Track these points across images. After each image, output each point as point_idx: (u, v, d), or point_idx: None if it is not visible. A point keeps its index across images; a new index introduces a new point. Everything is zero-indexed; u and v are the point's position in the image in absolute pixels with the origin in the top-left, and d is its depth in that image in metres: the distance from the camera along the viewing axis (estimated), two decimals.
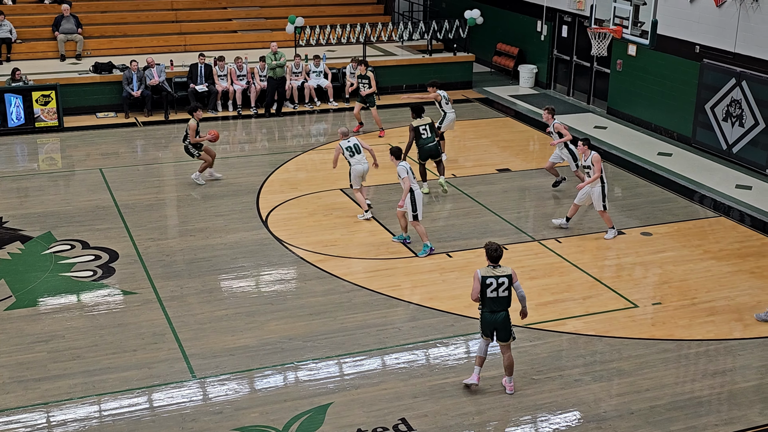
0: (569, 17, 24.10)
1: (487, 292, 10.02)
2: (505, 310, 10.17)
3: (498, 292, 10.02)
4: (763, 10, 17.81)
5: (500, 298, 10.05)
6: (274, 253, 14.26)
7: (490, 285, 10.00)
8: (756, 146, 18.39)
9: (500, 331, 10.20)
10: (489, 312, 10.13)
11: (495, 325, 10.17)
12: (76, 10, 24.73)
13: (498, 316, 10.12)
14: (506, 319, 10.18)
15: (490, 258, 10.06)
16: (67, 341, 11.44)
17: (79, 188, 17.02)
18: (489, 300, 10.05)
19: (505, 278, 10.01)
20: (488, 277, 9.99)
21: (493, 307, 10.10)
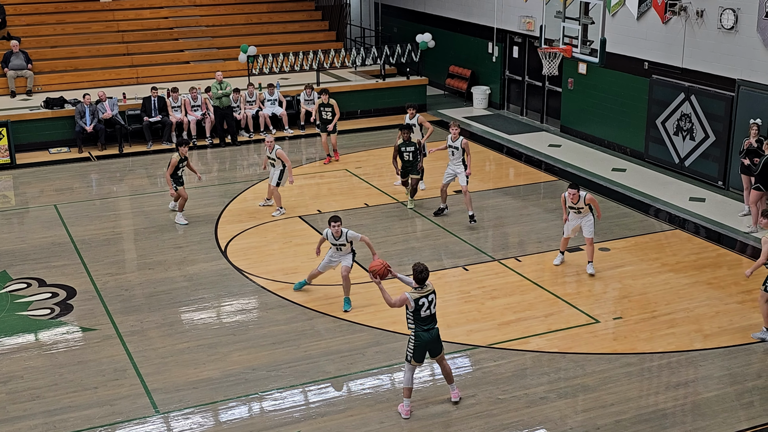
0: (520, 38, 24.37)
1: (421, 312, 10.19)
2: (437, 325, 10.39)
3: (430, 310, 10.26)
4: (708, 26, 18.17)
5: (432, 315, 10.30)
6: (234, 283, 14.16)
7: (423, 306, 10.19)
8: (707, 159, 18.69)
9: (434, 346, 10.38)
10: (424, 331, 10.26)
11: (431, 344, 10.33)
12: (26, 45, 24.52)
13: (433, 332, 10.32)
14: (438, 333, 10.40)
15: (417, 280, 10.21)
16: (26, 381, 11.23)
17: (33, 225, 16.79)
18: (423, 319, 10.22)
19: (432, 294, 10.28)
20: (420, 298, 10.18)
21: (427, 326, 10.28)
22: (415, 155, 16.91)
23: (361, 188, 18.73)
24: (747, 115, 17.30)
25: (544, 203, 17.88)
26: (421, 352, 10.33)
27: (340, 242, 12.95)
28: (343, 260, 13.14)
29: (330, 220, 12.82)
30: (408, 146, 16.90)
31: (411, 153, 16.91)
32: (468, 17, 26.12)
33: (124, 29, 26.43)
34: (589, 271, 14.23)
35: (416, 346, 10.29)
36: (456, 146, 16.35)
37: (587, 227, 14.14)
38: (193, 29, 27.20)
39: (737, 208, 17.13)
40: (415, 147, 16.91)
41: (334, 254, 13.19)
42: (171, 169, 16.30)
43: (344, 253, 13.14)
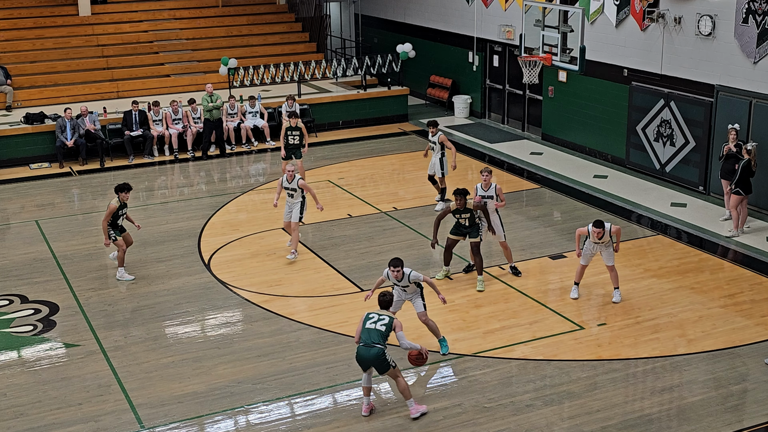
0: (500, 47, 24.47)
1: (366, 323, 10.31)
2: (379, 347, 10.20)
3: (376, 325, 10.26)
4: (686, 32, 18.30)
5: (377, 331, 10.23)
6: (218, 296, 14.12)
7: (371, 318, 10.36)
8: (688, 164, 18.80)
9: (377, 368, 10.32)
10: (363, 346, 10.25)
11: (367, 360, 10.25)
12: (5, 60, 24.42)
13: (371, 351, 10.21)
14: (378, 356, 10.21)
15: (379, 302, 10.55)
16: (8, 399, 11.15)
17: (14, 241, 16.69)
18: (366, 331, 10.28)
19: (387, 317, 10.34)
20: (372, 312, 10.43)
21: (368, 340, 10.23)
22: (472, 220, 14.16)
23: (343, 199, 18.73)
24: (726, 121, 17.43)
25: (527, 211, 17.94)
26: (362, 365, 10.39)
27: (402, 284, 11.86)
28: (415, 303, 11.98)
29: (390, 264, 11.65)
30: (464, 213, 14.10)
31: (467, 219, 14.16)
32: (448, 27, 26.22)
33: (104, 43, 26.37)
34: (615, 299, 13.48)
35: (356, 357, 10.45)
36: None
37: (609, 256, 13.33)
38: (173, 42, 27.18)
39: (718, 213, 17.23)
40: (472, 213, 14.09)
41: (400, 294, 12.01)
42: (108, 217, 14.33)
43: (410, 293, 11.98)
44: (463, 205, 14.00)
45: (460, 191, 14.00)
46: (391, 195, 18.81)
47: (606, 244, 13.26)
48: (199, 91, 24.38)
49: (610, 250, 13.34)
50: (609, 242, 13.27)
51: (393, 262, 11.67)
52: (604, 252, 13.35)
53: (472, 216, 14.13)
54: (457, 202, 13.97)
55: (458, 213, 14.12)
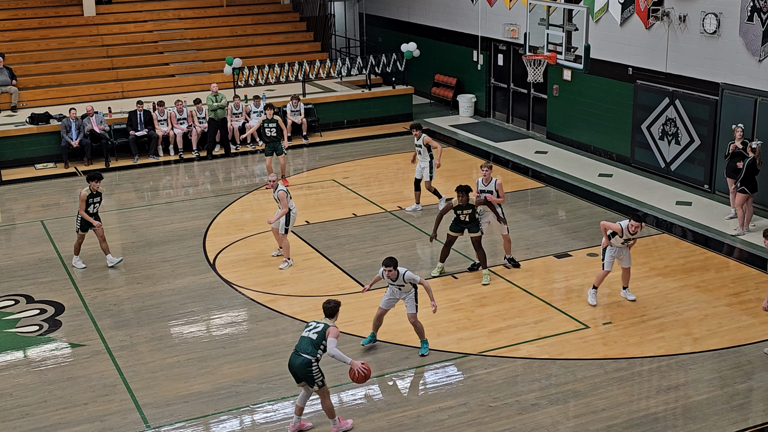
0: (504, 46, 24.45)
1: (303, 331, 10.09)
2: (307, 357, 9.84)
3: (309, 333, 9.97)
4: (691, 30, 18.27)
5: (308, 339, 9.92)
6: (223, 296, 14.13)
7: (309, 325, 10.09)
8: (693, 163, 18.77)
9: (303, 378, 9.97)
10: (293, 353, 9.98)
11: (294, 368, 9.94)
12: (10, 60, 24.46)
13: (297, 359, 9.88)
14: (305, 365, 9.84)
15: (323, 310, 10.19)
16: (15, 399, 11.17)
17: (20, 242, 16.72)
18: (300, 339, 10.04)
19: (322, 325, 10.01)
20: (314, 321, 10.18)
21: (298, 348, 9.95)
22: (473, 216, 14.36)
23: (348, 198, 18.73)
24: (731, 119, 17.40)
25: (532, 210, 17.92)
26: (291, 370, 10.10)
27: (398, 283, 11.80)
28: (407, 303, 11.91)
29: (383, 263, 11.61)
30: (465, 209, 14.27)
31: (468, 215, 14.32)
32: (452, 26, 26.20)
33: (109, 43, 26.40)
34: (629, 298, 13.45)
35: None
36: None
37: (628, 257, 13.24)
38: (177, 42, 27.20)
39: (724, 211, 17.21)
40: (473, 209, 14.29)
41: (394, 292, 11.97)
42: (82, 204, 14.83)
43: (405, 292, 11.91)
44: (465, 201, 14.09)
45: (462, 188, 14.07)
46: (395, 194, 18.81)
47: (627, 246, 13.11)
48: (204, 90, 24.41)
49: (628, 251, 13.20)
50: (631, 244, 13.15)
51: (386, 261, 11.61)
52: (625, 255, 13.14)
53: (473, 212, 14.24)
54: (460, 199, 14.05)
55: (460, 209, 14.21)
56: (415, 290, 11.93)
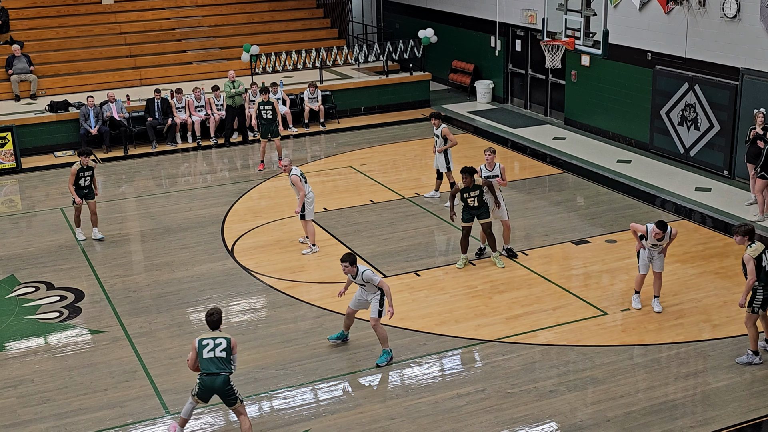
0: (522, 32, 24.33)
1: (204, 353, 9.57)
2: (225, 374, 9.60)
3: (215, 352, 9.56)
4: (711, 15, 18.12)
5: (218, 358, 9.55)
6: (241, 283, 14.18)
7: (206, 346, 9.60)
8: (712, 148, 18.65)
9: (223, 396, 9.70)
10: (207, 375, 9.57)
11: (214, 391, 9.63)
12: (28, 49, 24.55)
13: (217, 379, 9.56)
14: (226, 383, 9.61)
15: (207, 323, 9.76)
16: (36, 385, 11.27)
17: (40, 229, 16.83)
18: (206, 361, 9.56)
19: (223, 339, 9.64)
20: (205, 339, 9.66)
21: (211, 369, 9.55)
22: (480, 199, 14.18)
23: (366, 185, 18.74)
24: (751, 104, 17.27)
25: (550, 196, 17.87)
26: (205, 394, 9.70)
27: (358, 281, 11.47)
28: (371, 305, 11.45)
29: (340, 259, 11.46)
30: (472, 191, 14.11)
31: (476, 198, 14.13)
32: (470, 12, 26.09)
33: (127, 31, 26.46)
34: (655, 309, 12.71)
35: (199, 387, 9.67)
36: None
37: (660, 263, 12.65)
38: (195, 30, 27.22)
39: (743, 197, 17.09)
40: (481, 191, 14.13)
41: (361, 292, 11.60)
42: (72, 178, 15.59)
43: (370, 293, 11.49)
44: (470, 183, 13.93)
45: (467, 169, 13.93)
46: (413, 181, 18.79)
47: (660, 251, 12.55)
48: (222, 78, 24.44)
49: (663, 256, 12.63)
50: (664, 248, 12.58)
51: (342, 257, 11.32)
52: (658, 257, 12.58)
53: (480, 194, 14.07)
54: (464, 180, 13.91)
55: (467, 191, 14.05)
56: (381, 294, 11.40)
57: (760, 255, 10.93)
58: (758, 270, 10.89)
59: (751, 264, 10.86)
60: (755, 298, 11.03)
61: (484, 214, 14.20)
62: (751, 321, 11.14)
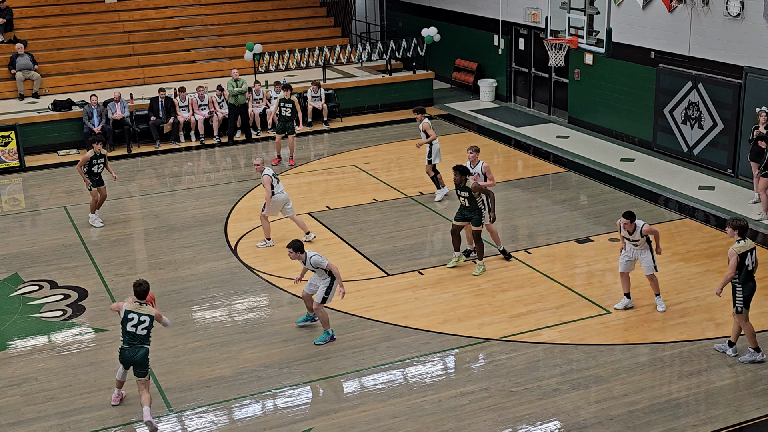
0: (525, 30, 24.32)
1: (127, 326, 10.16)
2: (145, 347, 10.23)
3: (137, 329, 10.16)
4: (714, 13, 18.10)
5: (139, 335, 10.18)
6: (245, 281, 14.19)
7: (131, 320, 10.16)
8: (716, 147, 18.64)
9: (137, 367, 10.23)
10: (128, 348, 10.20)
11: (133, 361, 10.21)
12: (32, 47, 24.58)
13: (138, 353, 10.18)
14: (145, 355, 10.22)
15: (135, 293, 10.24)
16: (40, 383, 11.29)
17: (44, 227, 16.85)
18: (129, 334, 10.18)
19: (147, 317, 10.18)
20: (131, 312, 10.16)
21: (132, 341, 10.19)
22: (471, 200, 13.96)
23: (369, 184, 18.74)
24: (755, 103, 17.25)
25: (553, 195, 17.86)
26: (125, 363, 10.34)
27: (307, 267, 11.84)
28: (319, 289, 11.89)
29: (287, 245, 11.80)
30: (462, 191, 13.98)
31: (466, 199, 14.01)
32: (473, 10, 26.08)
33: (130, 30, 26.48)
34: (659, 308, 12.67)
35: (120, 355, 10.33)
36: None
37: (645, 264, 12.47)
38: (198, 28, 27.23)
39: (747, 196, 17.08)
40: (471, 195, 13.88)
41: (314, 277, 12.06)
42: (82, 162, 16.20)
43: (319, 276, 11.93)
44: (459, 181, 13.83)
45: (458, 167, 13.92)
46: (416, 179, 18.78)
47: (642, 249, 12.39)
48: (225, 76, 24.44)
49: (648, 255, 12.40)
50: (645, 246, 12.40)
51: (289, 243, 11.76)
52: (641, 258, 12.44)
53: (471, 198, 13.88)
54: (455, 178, 13.87)
55: (458, 189, 13.99)
56: (331, 280, 11.80)
57: (745, 253, 10.93)
58: (741, 268, 10.90)
59: (733, 259, 10.87)
60: (736, 297, 11.06)
61: (475, 220, 14.00)
62: (741, 320, 11.14)
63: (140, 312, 10.19)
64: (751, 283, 11.01)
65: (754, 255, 11.03)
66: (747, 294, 10.99)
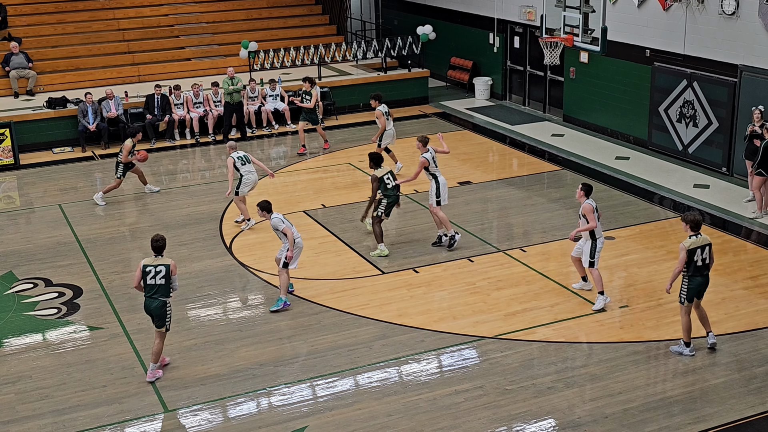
0: (520, 28, 24.33)
1: (147, 279, 10.91)
2: (161, 299, 10.96)
3: (156, 279, 10.89)
4: (709, 12, 18.12)
5: (157, 285, 10.91)
6: (240, 279, 14.18)
7: (149, 272, 10.91)
8: (711, 145, 18.66)
9: (154, 318, 11.03)
10: (147, 298, 11.00)
11: (150, 311, 11.02)
12: (27, 45, 24.52)
13: (153, 303, 10.95)
14: (160, 307, 10.96)
15: (153, 248, 11.01)
16: (34, 381, 11.27)
17: (38, 225, 16.82)
18: (148, 286, 10.94)
19: (162, 267, 10.91)
20: (148, 266, 10.93)
21: (150, 293, 10.95)
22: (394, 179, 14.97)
23: (364, 182, 18.72)
24: (750, 101, 17.27)
25: (548, 193, 17.87)
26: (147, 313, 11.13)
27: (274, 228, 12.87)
28: (280, 251, 12.97)
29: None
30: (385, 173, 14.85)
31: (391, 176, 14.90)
32: (468, 8, 26.08)
33: (125, 27, 26.43)
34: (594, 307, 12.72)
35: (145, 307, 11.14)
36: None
37: (584, 252, 12.64)
38: (193, 26, 27.20)
39: (742, 194, 17.11)
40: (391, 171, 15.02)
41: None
42: (126, 152, 17.38)
43: (283, 242, 12.88)
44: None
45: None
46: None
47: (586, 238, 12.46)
48: (220, 74, 24.42)
49: (588, 246, 12.46)
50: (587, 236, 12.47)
51: (259, 202, 12.91)
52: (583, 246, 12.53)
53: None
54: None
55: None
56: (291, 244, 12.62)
57: (695, 249, 11.07)
58: (690, 263, 11.05)
59: (682, 254, 11.05)
60: (681, 289, 11.27)
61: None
62: (682, 311, 11.36)
63: (156, 263, 10.90)
64: (699, 278, 11.19)
65: (707, 251, 11.16)
66: (693, 287, 11.18)
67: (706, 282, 11.27)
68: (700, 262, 11.12)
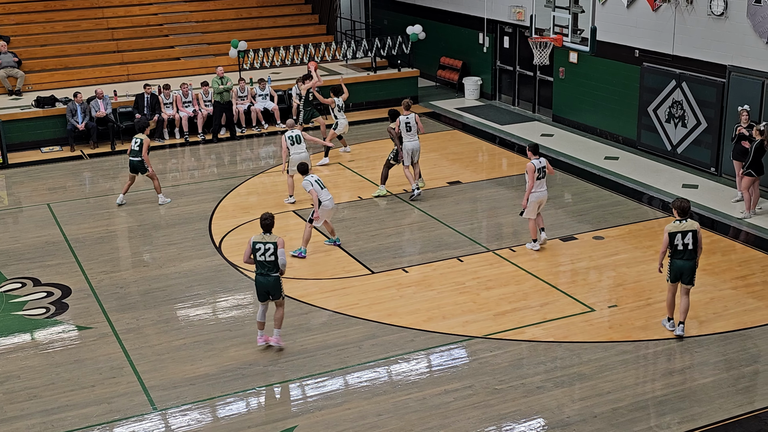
0: (510, 28, 24.36)
1: (257, 256, 11.33)
2: (275, 275, 11.41)
3: (266, 257, 11.31)
4: (698, 12, 18.18)
5: (268, 262, 11.33)
6: (229, 279, 14.16)
7: (258, 250, 11.33)
8: (700, 145, 18.72)
9: (272, 292, 11.50)
10: (258, 275, 11.44)
11: (267, 287, 11.45)
12: (15, 44, 24.43)
13: (267, 279, 11.40)
14: (276, 281, 11.44)
15: (261, 226, 11.41)
16: (22, 381, 11.23)
17: (27, 225, 16.76)
18: (259, 263, 11.37)
19: (271, 245, 11.31)
20: (257, 243, 11.35)
21: (262, 270, 11.38)
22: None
23: (354, 181, 18.73)
24: (738, 101, 17.33)
25: None
26: (261, 291, 11.53)
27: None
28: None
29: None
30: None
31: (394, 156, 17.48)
32: (458, 8, 26.10)
33: (114, 26, 26.35)
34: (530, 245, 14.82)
35: (256, 287, 11.59)
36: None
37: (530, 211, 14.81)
38: (183, 25, 27.14)
39: (730, 194, 17.17)
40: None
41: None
42: (146, 149, 17.39)
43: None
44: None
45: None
46: (400, 177, 18.76)
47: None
48: (210, 73, 24.37)
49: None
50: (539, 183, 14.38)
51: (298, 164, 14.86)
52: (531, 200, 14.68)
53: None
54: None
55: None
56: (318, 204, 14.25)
57: (676, 233, 11.56)
58: (671, 245, 11.60)
59: (664, 236, 11.66)
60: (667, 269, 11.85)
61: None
62: (668, 288, 11.99)
63: (265, 241, 11.33)
64: (678, 262, 11.68)
65: (689, 237, 11.54)
66: (673, 269, 11.75)
67: (688, 267, 11.67)
68: (681, 246, 11.55)
